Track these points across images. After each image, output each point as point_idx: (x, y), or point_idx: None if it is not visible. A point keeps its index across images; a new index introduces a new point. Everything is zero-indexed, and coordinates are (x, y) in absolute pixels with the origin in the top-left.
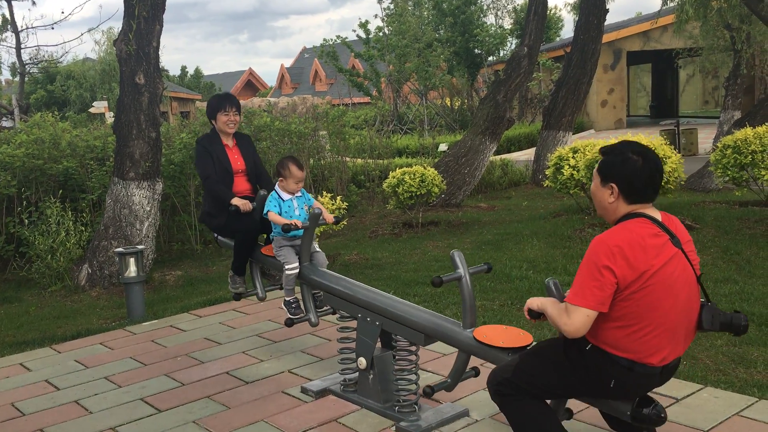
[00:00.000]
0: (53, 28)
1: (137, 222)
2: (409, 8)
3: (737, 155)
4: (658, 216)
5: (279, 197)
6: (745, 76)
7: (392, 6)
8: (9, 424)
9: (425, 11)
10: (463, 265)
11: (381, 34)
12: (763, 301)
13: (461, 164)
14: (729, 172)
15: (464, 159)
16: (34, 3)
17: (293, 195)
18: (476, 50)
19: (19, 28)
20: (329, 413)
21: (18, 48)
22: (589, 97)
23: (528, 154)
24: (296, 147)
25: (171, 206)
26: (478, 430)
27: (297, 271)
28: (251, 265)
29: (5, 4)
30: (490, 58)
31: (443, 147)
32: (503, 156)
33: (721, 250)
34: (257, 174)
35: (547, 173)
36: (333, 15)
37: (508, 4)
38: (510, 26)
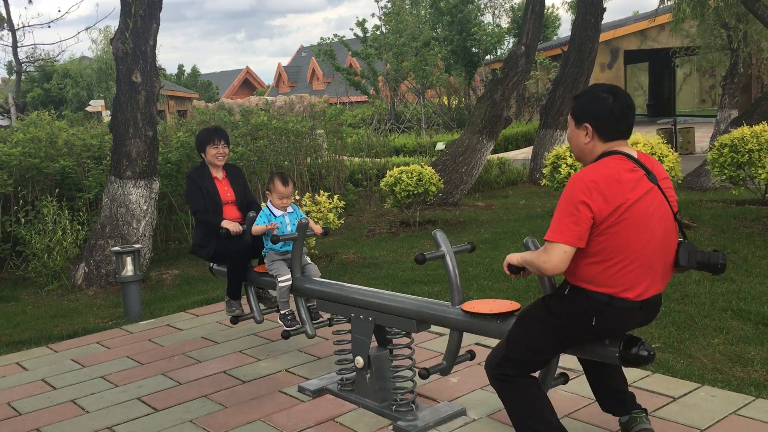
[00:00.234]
0: (50, 27)
1: (134, 221)
2: (407, 7)
3: (734, 154)
4: (634, 153)
5: (270, 213)
6: (742, 75)
7: (389, 5)
8: (5, 424)
9: (423, 10)
10: (446, 244)
11: (378, 33)
12: (760, 300)
13: (458, 163)
14: (726, 171)
15: (461, 158)
16: (31, 1)
17: (285, 211)
18: (473, 49)
19: (16, 27)
20: (326, 412)
21: (14, 46)
22: None
23: (525, 153)
24: (293, 146)
25: (168, 205)
26: (476, 430)
27: (290, 283)
28: (247, 290)
29: (2, 3)
30: (488, 57)
31: (440, 146)
32: (500, 155)
33: (718, 249)
34: (248, 204)
35: (545, 172)
36: (330, 14)
37: (506, 3)
38: (507, 25)
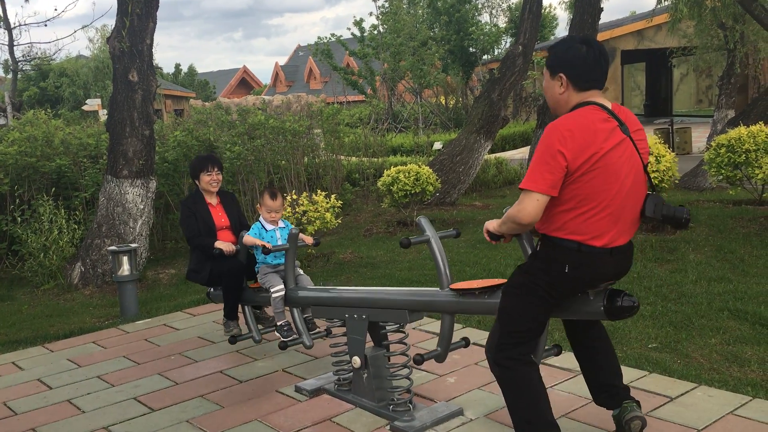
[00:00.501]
0: (46, 25)
1: (131, 220)
2: (404, 6)
3: (731, 154)
4: (608, 104)
5: (262, 227)
6: (739, 75)
7: (387, 4)
8: (1, 424)
9: (420, 9)
10: (431, 229)
11: (376, 32)
12: (757, 300)
13: (456, 163)
14: (723, 171)
15: (459, 157)
16: (27, 0)
17: (276, 226)
18: (471, 49)
19: (12, 25)
20: (323, 412)
21: (11, 45)
22: None
23: (523, 153)
24: (290, 145)
25: (165, 204)
26: (473, 429)
27: (283, 293)
28: (244, 310)
29: None
30: (485, 57)
31: (438, 145)
32: (498, 154)
33: (715, 249)
34: (242, 228)
35: None
36: (328, 13)
37: (503, 3)
38: (505, 25)
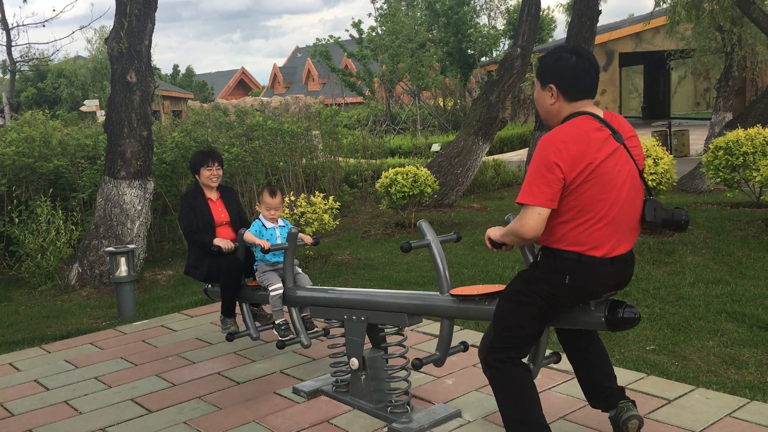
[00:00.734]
0: (44, 26)
1: (128, 221)
2: (402, 8)
3: (729, 157)
4: (600, 113)
5: (263, 225)
6: (737, 78)
7: (385, 6)
8: None
9: (418, 11)
10: (431, 233)
11: (374, 34)
12: (755, 302)
13: (454, 164)
14: (720, 174)
15: (457, 159)
16: (25, 0)
17: (276, 224)
18: (469, 51)
19: (10, 26)
20: (321, 414)
21: (8, 46)
22: None
23: (521, 155)
24: (289, 146)
25: (162, 205)
26: (471, 431)
27: (281, 292)
28: (241, 307)
29: None
30: (483, 59)
31: (436, 147)
32: (496, 156)
33: (713, 252)
34: (241, 225)
35: None
36: (326, 15)
37: (501, 5)
38: (503, 27)
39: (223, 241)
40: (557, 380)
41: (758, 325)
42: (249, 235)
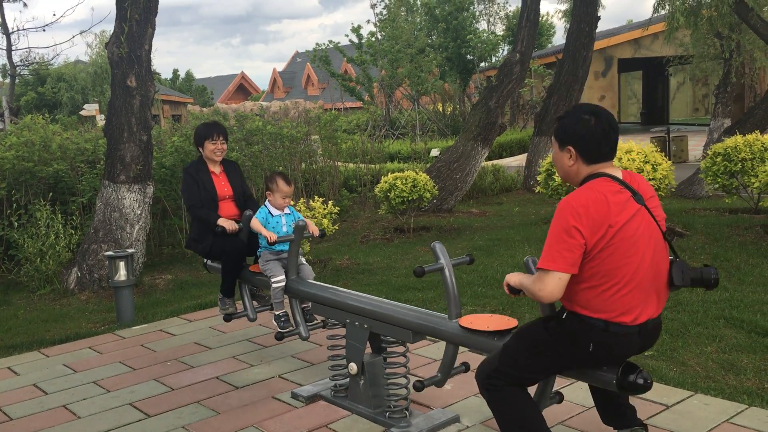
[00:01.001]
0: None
1: (127, 225)
2: (402, 14)
3: (727, 163)
4: (619, 174)
5: (269, 212)
6: (735, 84)
7: (385, 11)
8: None
9: (418, 17)
10: (445, 256)
11: (374, 39)
12: (753, 308)
13: (453, 170)
14: (719, 180)
15: (456, 164)
16: (26, 5)
17: (282, 212)
18: (468, 56)
19: (10, 30)
20: (320, 419)
21: (9, 50)
22: None
23: (519, 160)
24: (288, 151)
25: (162, 210)
26: None
27: (283, 284)
28: (240, 287)
29: None
30: (483, 64)
31: (435, 152)
32: (495, 162)
33: (711, 257)
34: (245, 199)
35: (539, 179)
36: (326, 20)
37: (501, 11)
38: (502, 32)
39: (228, 222)
40: (556, 385)
41: (756, 331)
42: (255, 223)
